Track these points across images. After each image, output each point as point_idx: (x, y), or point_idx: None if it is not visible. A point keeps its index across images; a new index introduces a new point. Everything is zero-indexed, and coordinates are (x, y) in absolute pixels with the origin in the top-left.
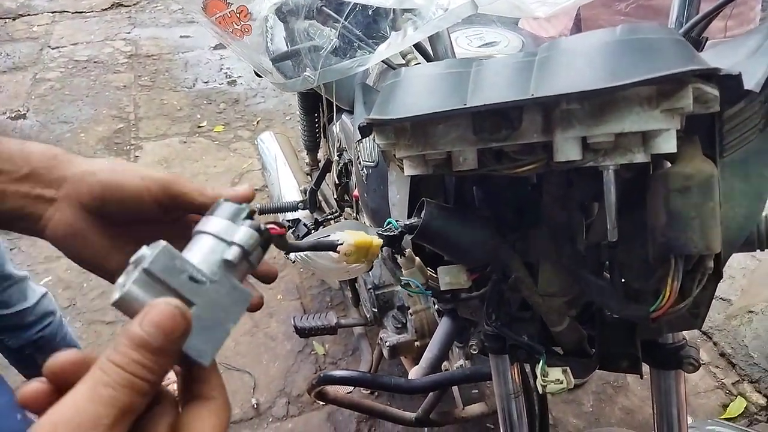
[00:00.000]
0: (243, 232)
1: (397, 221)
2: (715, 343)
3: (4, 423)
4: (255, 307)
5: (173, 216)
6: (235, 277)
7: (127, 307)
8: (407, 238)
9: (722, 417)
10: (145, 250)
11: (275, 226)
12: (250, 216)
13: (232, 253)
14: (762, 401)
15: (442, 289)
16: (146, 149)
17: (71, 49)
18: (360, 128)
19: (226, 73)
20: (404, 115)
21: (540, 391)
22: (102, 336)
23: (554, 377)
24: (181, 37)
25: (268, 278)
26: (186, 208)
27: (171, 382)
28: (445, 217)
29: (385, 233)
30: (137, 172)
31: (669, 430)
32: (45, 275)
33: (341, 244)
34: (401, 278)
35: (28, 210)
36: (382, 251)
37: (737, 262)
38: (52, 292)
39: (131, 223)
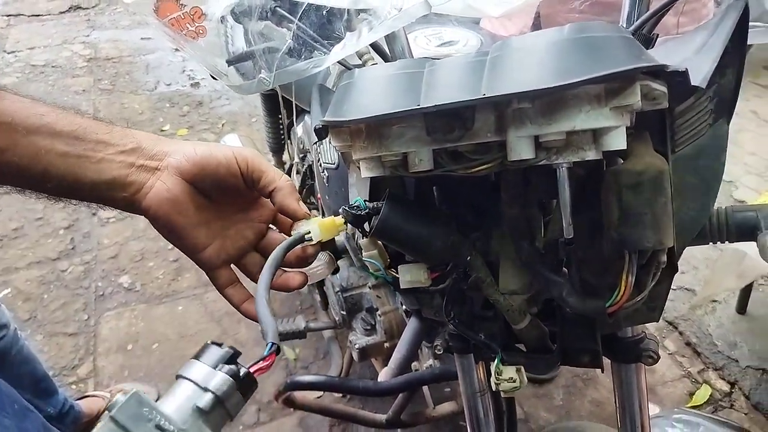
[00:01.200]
0: (218, 379)
1: (365, 201)
2: (680, 333)
3: None
4: None
5: (252, 194)
6: (209, 426)
7: None
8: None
9: (688, 405)
10: (119, 397)
11: (262, 366)
12: (233, 359)
13: (204, 401)
14: (726, 388)
15: (402, 287)
16: None
17: (28, 54)
18: (315, 130)
19: (189, 75)
20: (358, 117)
21: (494, 389)
22: (64, 348)
23: (508, 376)
24: (141, 39)
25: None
26: (255, 185)
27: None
28: (403, 213)
29: (352, 211)
30: (228, 148)
31: (631, 421)
32: (3, 287)
33: (309, 233)
34: (361, 258)
35: (131, 178)
36: (347, 230)
37: (701, 252)
38: (11, 304)
39: (220, 198)
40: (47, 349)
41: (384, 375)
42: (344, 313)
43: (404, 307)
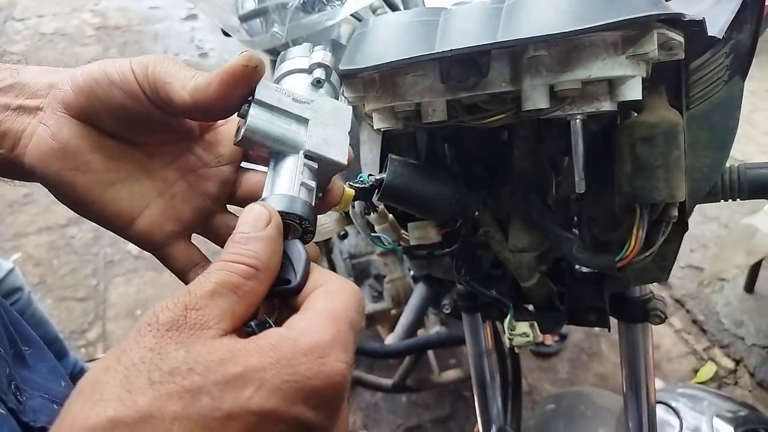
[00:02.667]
0: (318, 54)
1: (369, 175)
2: (687, 311)
3: (53, 386)
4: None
5: (166, 120)
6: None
7: (252, 140)
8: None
9: (693, 381)
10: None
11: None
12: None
13: (318, 73)
14: (731, 365)
15: (412, 244)
16: None
17: (37, 22)
18: None
19: (197, 45)
20: (372, 64)
21: (507, 345)
22: (74, 312)
23: (521, 331)
24: (150, 8)
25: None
26: (170, 107)
27: None
28: (409, 173)
29: (356, 185)
30: (129, 59)
31: (636, 381)
32: (14, 252)
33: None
34: (372, 234)
35: (4, 126)
36: (353, 207)
37: (711, 231)
38: (22, 269)
39: (143, 137)
40: (57, 313)
41: (391, 339)
42: (352, 279)
43: (412, 273)
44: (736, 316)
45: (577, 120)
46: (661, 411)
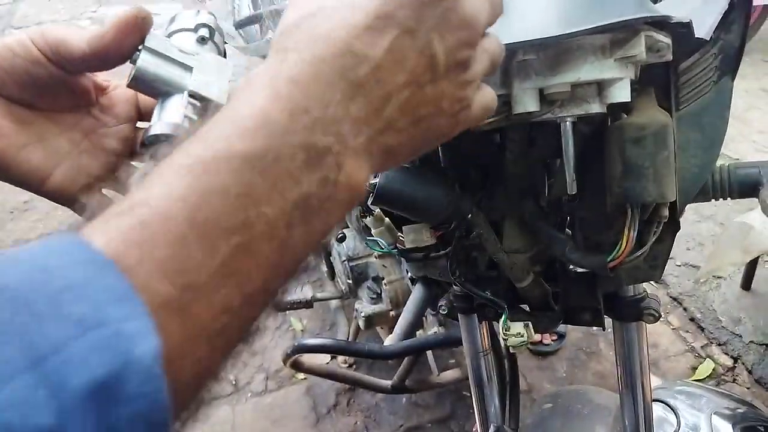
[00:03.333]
0: (203, 15)
1: None
2: (685, 309)
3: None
4: None
5: (66, 83)
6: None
7: (142, 80)
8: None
9: (691, 379)
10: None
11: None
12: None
13: (202, 32)
14: (729, 362)
15: (407, 247)
16: None
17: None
18: None
19: None
20: None
21: (503, 345)
22: None
23: (516, 331)
24: None
25: None
26: (71, 62)
27: None
28: (402, 177)
29: None
30: (23, 31)
31: (632, 380)
32: None
33: None
34: (368, 238)
35: None
36: (350, 212)
37: (707, 229)
38: None
39: (45, 102)
40: None
41: (390, 340)
42: (350, 282)
43: (410, 275)
44: (734, 314)
45: (567, 122)
46: (659, 409)
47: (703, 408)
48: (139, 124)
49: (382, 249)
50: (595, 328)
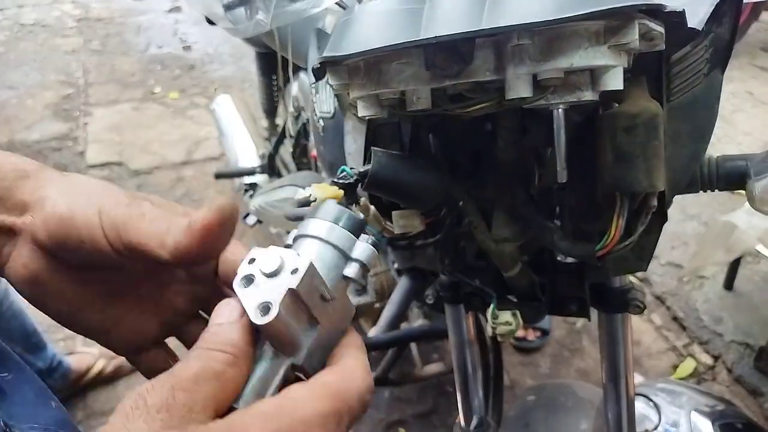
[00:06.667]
0: (363, 249)
1: (351, 168)
2: (668, 308)
3: (42, 411)
4: None
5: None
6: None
7: (274, 329)
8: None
9: (673, 377)
10: (270, 255)
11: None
12: (362, 227)
13: (353, 271)
14: (710, 361)
15: (396, 232)
16: (96, 115)
17: (16, 12)
18: (314, 70)
19: (181, 38)
20: (357, 50)
21: (490, 333)
22: None
23: (504, 320)
24: (133, 0)
25: None
26: (145, 263)
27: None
28: (394, 164)
29: (341, 181)
30: (98, 204)
31: (615, 372)
32: None
33: (315, 200)
34: None
35: None
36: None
37: (691, 229)
38: None
39: (101, 270)
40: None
41: (374, 332)
42: None
43: (396, 266)
44: (715, 313)
45: (560, 110)
46: (640, 405)
47: (684, 405)
48: None
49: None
50: (579, 324)
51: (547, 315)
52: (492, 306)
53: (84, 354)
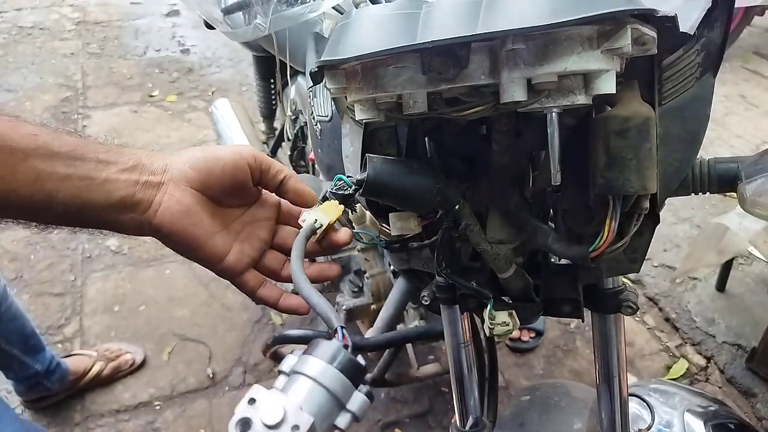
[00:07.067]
0: (360, 401)
1: (348, 177)
2: (660, 309)
3: None
4: None
5: (255, 193)
6: None
7: None
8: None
9: (666, 378)
10: (272, 402)
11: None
12: (362, 372)
13: (345, 422)
14: (702, 362)
15: (393, 234)
16: (94, 118)
17: (15, 15)
18: (311, 74)
19: (179, 41)
20: (354, 54)
21: (488, 334)
22: (51, 307)
23: (501, 320)
24: (131, 3)
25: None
26: (264, 181)
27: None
28: (390, 169)
29: (339, 191)
30: (228, 147)
31: (609, 372)
32: None
33: (320, 226)
34: (354, 230)
35: (138, 197)
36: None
37: (683, 232)
38: None
39: (227, 201)
40: (33, 308)
41: (371, 333)
42: None
43: (392, 268)
44: (708, 315)
45: (554, 113)
46: (634, 405)
47: (677, 405)
48: None
49: (368, 242)
50: (572, 325)
51: (542, 316)
52: (489, 307)
53: (82, 356)
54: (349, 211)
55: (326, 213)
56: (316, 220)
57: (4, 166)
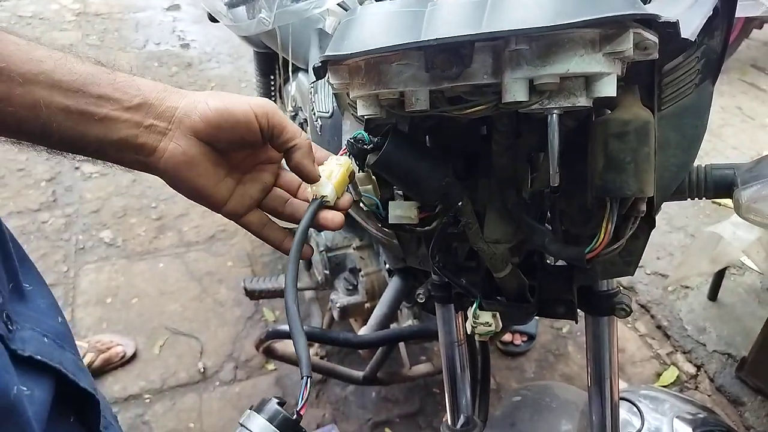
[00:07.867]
0: None
1: (368, 134)
2: (652, 316)
3: (47, 321)
4: None
5: (265, 148)
6: None
7: None
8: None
9: (656, 384)
10: None
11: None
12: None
13: None
14: (692, 370)
15: (390, 222)
16: None
17: (15, 4)
18: (315, 69)
19: (179, 35)
20: (358, 50)
21: (469, 332)
22: None
23: (484, 320)
24: None
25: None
26: (274, 144)
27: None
28: (409, 148)
29: (357, 144)
30: (244, 99)
31: (601, 374)
32: None
33: (326, 196)
34: (361, 194)
35: (141, 140)
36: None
37: (677, 240)
38: None
39: (234, 151)
40: None
41: (364, 331)
42: (327, 272)
43: (387, 266)
44: (699, 323)
45: (554, 115)
46: (624, 410)
47: (666, 412)
48: None
49: (370, 207)
50: (564, 330)
51: (535, 317)
52: (474, 305)
53: None
54: (356, 171)
55: (336, 188)
56: (324, 195)
57: (1, 90)
